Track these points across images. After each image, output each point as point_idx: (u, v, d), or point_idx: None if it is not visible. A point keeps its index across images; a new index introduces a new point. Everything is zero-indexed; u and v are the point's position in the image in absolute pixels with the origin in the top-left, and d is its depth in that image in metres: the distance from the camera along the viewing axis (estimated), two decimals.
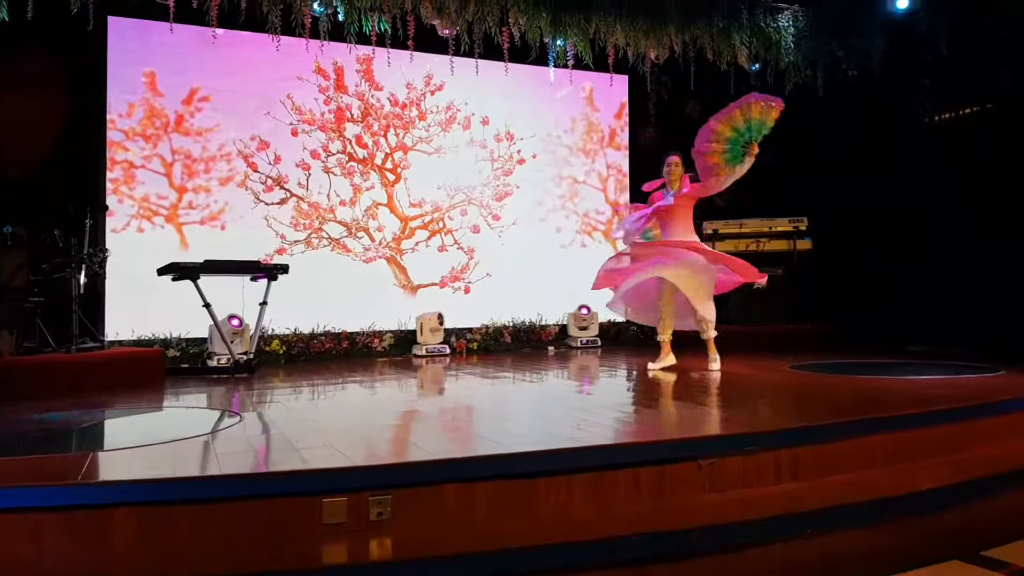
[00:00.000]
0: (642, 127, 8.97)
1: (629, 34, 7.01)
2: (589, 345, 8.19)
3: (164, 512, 2.43)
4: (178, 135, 7.15)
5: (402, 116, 7.95)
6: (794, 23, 7.33)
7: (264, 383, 5.54)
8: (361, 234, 7.77)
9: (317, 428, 3.49)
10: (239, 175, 7.34)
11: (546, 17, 6.69)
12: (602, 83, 8.45)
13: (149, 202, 7.04)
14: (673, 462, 2.92)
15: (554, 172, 8.68)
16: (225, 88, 7.29)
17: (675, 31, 7.09)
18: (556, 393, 4.92)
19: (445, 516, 2.60)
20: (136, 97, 7.00)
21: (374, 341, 7.62)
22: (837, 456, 3.25)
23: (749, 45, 7.26)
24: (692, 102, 8.86)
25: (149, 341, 6.80)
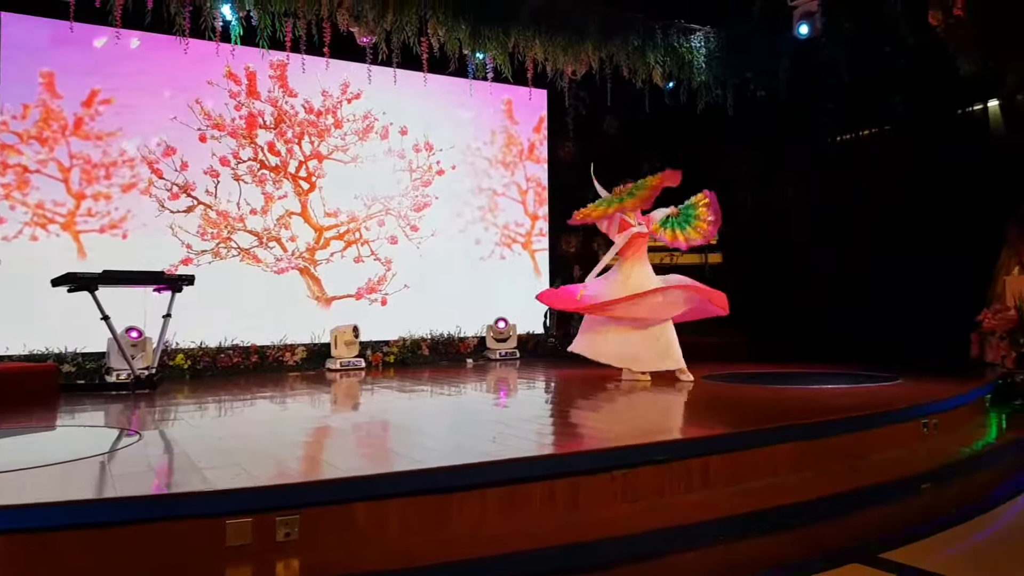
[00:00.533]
0: (561, 141, 9.10)
1: (548, 49, 7.09)
2: (508, 357, 8.21)
3: (53, 538, 2.30)
4: (77, 139, 6.78)
5: (317, 124, 7.80)
6: (706, 44, 7.58)
7: (167, 399, 5.30)
8: (273, 244, 7.56)
9: (222, 447, 3.36)
10: (143, 182, 7.02)
11: (465, 29, 6.69)
12: (521, 96, 8.54)
13: (44, 209, 6.65)
14: (588, 473, 2.94)
15: (473, 184, 8.69)
16: (129, 91, 6.98)
17: (592, 48, 7.22)
18: (473, 406, 4.91)
19: (356, 535, 2.55)
20: (32, 98, 6.61)
21: (286, 355, 7.41)
22: (746, 464, 3.35)
23: (663, 64, 7.46)
24: (609, 118, 9.07)
25: (42, 356, 6.41)
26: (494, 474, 2.83)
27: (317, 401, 5.25)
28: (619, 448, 3.20)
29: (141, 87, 7.02)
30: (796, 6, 7.07)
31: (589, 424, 4.09)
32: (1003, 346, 5.64)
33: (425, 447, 3.37)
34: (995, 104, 6.76)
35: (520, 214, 9.00)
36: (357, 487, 2.62)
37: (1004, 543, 3.24)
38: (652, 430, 3.84)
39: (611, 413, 4.47)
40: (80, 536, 2.32)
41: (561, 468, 2.94)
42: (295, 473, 2.93)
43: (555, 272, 8.89)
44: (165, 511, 2.43)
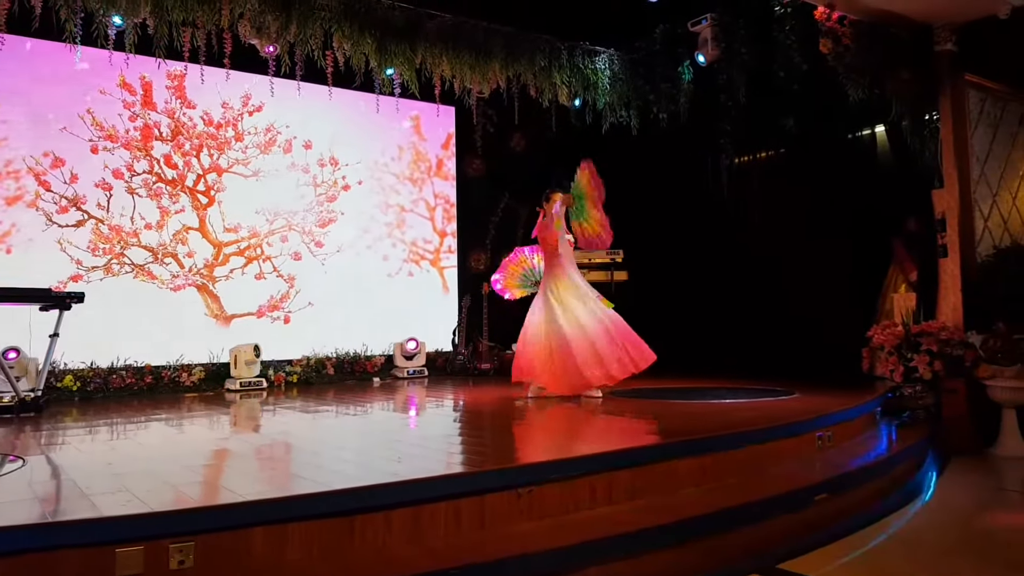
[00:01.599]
0: (469, 158, 9.20)
1: (455, 67, 7.16)
2: (416, 375, 8.20)
3: None
4: None
5: (217, 136, 7.60)
6: (610, 66, 7.83)
7: (54, 423, 5.04)
8: (169, 260, 7.30)
9: (112, 472, 3.24)
10: (29, 194, 6.66)
11: (371, 44, 6.67)
12: (429, 113, 8.58)
13: None
14: (493, 491, 2.97)
15: (380, 200, 8.66)
16: (15, 99, 6.62)
17: (500, 67, 7.33)
18: (379, 426, 4.89)
19: (254, 561, 2.51)
20: None
21: (182, 375, 7.15)
22: (649, 479, 3.43)
23: (569, 84, 7.65)
24: (517, 135, 9.23)
25: None
26: (399, 495, 2.82)
27: (216, 423, 5.11)
28: (524, 465, 3.25)
29: (28, 95, 6.68)
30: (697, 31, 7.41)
31: (496, 442, 4.15)
32: (891, 361, 5.79)
33: (329, 469, 3.34)
34: (882, 130, 7.22)
35: (428, 231, 9.02)
36: (256, 511, 2.58)
37: (895, 551, 3.40)
38: (558, 446, 3.92)
39: (519, 429, 4.54)
40: None
41: (467, 487, 2.96)
42: (190, 499, 2.85)
43: (464, 289, 8.95)
44: (50, 540, 2.34)
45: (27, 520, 2.51)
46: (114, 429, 4.79)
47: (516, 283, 6.24)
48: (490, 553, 2.71)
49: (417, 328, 8.45)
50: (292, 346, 7.84)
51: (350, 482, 2.99)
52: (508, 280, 6.25)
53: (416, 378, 8.13)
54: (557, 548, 2.78)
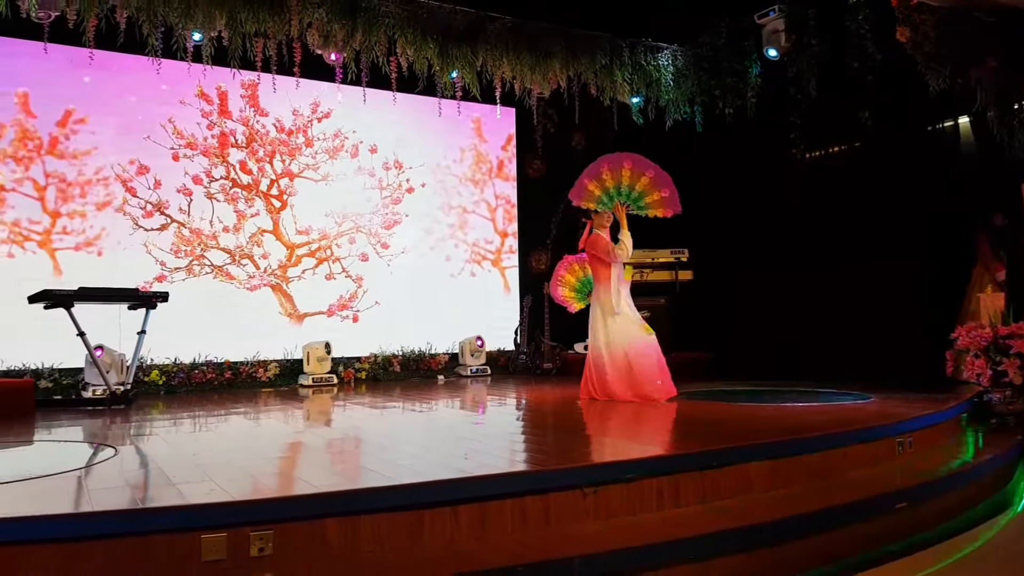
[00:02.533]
0: (529, 158, 9.27)
1: (515, 68, 7.23)
2: (479, 374, 8.33)
3: (31, 552, 2.36)
4: (52, 158, 6.85)
5: (288, 143, 7.91)
6: (673, 62, 7.75)
7: (142, 415, 5.37)
8: (245, 261, 7.65)
9: (196, 462, 3.44)
10: (117, 200, 7.09)
11: (433, 48, 6.82)
12: (490, 115, 8.70)
13: (20, 227, 6.70)
14: (559, 490, 2.98)
15: (443, 201, 8.83)
16: (103, 111, 7.06)
17: (560, 67, 7.36)
18: (445, 423, 4.99)
19: (328, 551, 2.60)
20: (7, 118, 6.67)
21: (259, 371, 7.49)
22: (718, 483, 3.37)
23: (631, 82, 7.62)
24: (578, 135, 9.25)
25: (19, 371, 6.46)
26: (466, 491, 2.86)
27: (290, 417, 5.34)
28: (590, 466, 3.24)
29: (115, 107, 7.10)
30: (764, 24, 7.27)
31: (560, 441, 4.18)
32: (978, 364, 5.50)
33: (397, 463, 3.43)
34: (965, 121, 6.87)
35: (490, 231, 9.15)
36: (330, 503, 2.69)
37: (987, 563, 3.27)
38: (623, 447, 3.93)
39: (583, 430, 4.57)
40: (57, 550, 2.38)
41: (533, 485, 2.97)
42: (268, 489, 3.00)
43: (525, 289, 9.04)
44: (141, 526, 2.49)
45: (120, 506, 2.69)
46: (197, 421, 5.07)
47: (573, 295, 6.16)
48: (555, 551, 2.72)
49: (479, 327, 8.59)
50: (361, 344, 8.10)
51: (418, 477, 3.06)
52: (566, 292, 6.17)
53: (479, 376, 8.26)
54: (622, 549, 2.77)
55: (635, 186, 5.67)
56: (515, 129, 9.26)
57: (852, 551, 3.20)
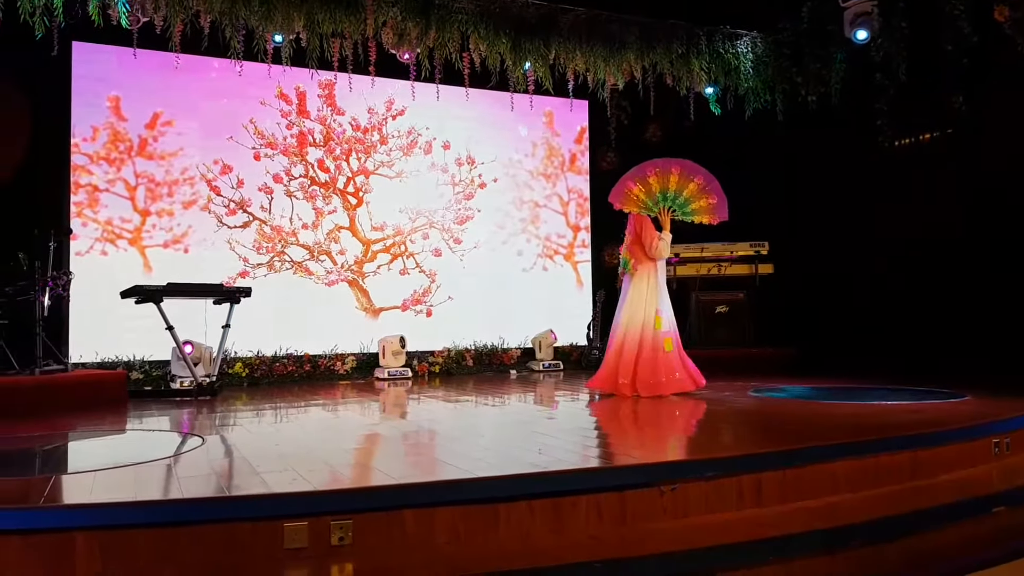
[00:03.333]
0: (603, 151, 9.16)
1: (588, 60, 7.17)
2: (552, 369, 8.30)
3: (126, 536, 2.46)
4: (142, 159, 7.16)
5: (364, 140, 8.05)
6: (753, 49, 7.55)
7: (227, 406, 5.55)
8: (323, 257, 7.83)
9: (279, 451, 3.53)
10: (202, 199, 7.36)
11: (506, 43, 6.83)
12: (562, 108, 8.65)
13: (113, 225, 7.03)
14: (634, 488, 2.94)
15: (515, 196, 8.83)
16: (188, 113, 7.33)
17: (634, 57, 7.26)
18: (518, 417, 4.99)
19: (406, 541, 2.63)
20: (100, 121, 7.01)
21: (336, 364, 7.66)
22: (800, 482, 3.26)
23: (708, 71, 7.46)
24: (653, 126, 9.09)
25: (112, 363, 6.78)
26: (541, 486, 2.85)
27: (367, 409, 5.43)
28: (668, 463, 3.19)
29: (199, 109, 7.37)
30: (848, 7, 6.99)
31: (637, 437, 4.12)
32: None
33: (471, 457, 3.44)
34: None
35: (562, 226, 9.10)
36: (407, 494, 2.71)
37: None
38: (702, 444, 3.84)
39: (660, 427, 4.49)
40: (149, 535, 2.47)
41: (608, 481, 2.95)
42: (347, 479, 3.05)
43: (598, 284, 8.95)
44: (228, 513, 2.57)
45: (207, 493, 2.78)
46: (278, 412, 5.21)
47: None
48: (632, 549, 2.70)
49: (552, 322, 8.56)
50: (434, 338, 8.19)
51: (493, 470, 3.07)
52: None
53: (551, 371, 8.23)
54: (701, 548, 2.73)
55: (682, 192, 5.53)
56: (588, 122, 9.18)
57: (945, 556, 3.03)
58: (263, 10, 6.07)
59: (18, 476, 3.19)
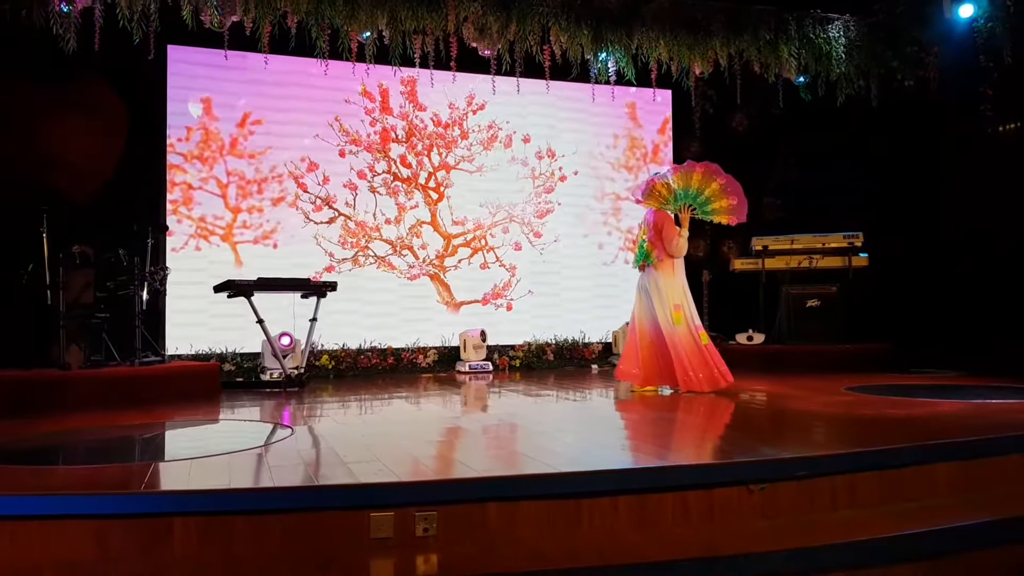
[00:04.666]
0: (687, 142, 8.95)
1: (672, 49, 7.01)
2: None
3: (221, 522, 2.54)
4: (233, 157, 7.42)
5: (445, 136, 8.10)
6: (845, 33, 7.23)
7: (314, 397, 5.69)
8: (405, 252, 7.93)
9: (365, 442, 3.58)
10: (290, 195, 7.58)
11: (587, 34, 6.74)
12: (645, 98, 8.50)
13: (206, 222, 7.32)
14: (722, 486, 2.87)
15: (596, 189, 8.73)
16: (276, 112, 7.55)
17: (720, 45, 7.07)
18: (600, 413, 4.93)
19: (489, 534, 2.63)
20: (193, 122, 7.30)
21: (419, 357, 7.76)
22: (898, 483, 3.12)
23: (798, 57, 7.18)
24: (739, 116, 8.83)
25: (206, 355, 7.06)
26: (626, 482, 2.82)
27: (448, 402, 5.46)
28: (758, 461, 3.07)
29: (286, 108, 7.58)
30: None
31: (724, 435, 4.00)
32: None
33: (554, 451, 3.42)
34: None
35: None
36: (491, 487, 2.71)
37: None
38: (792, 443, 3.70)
39: (747, 424, 4.35)
40: (243, 521, 2.54)
41: (695, 479, 2.88)
42: (431, 471, 3.06)
43: None
44: (317, 502, 2.61)
45: (296, 482, 2.84)
46: (363, 404, 5.31)
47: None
48: (720, 548, 2.62)
49: None
50: (514, 332, 8.19)
51: (576, 465, 3.04)
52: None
53: None
54: (792, 549, 2.63)
55: (703, 191, 5.58)
56: (671, 112, 8.98)
57: None
58: (347, 9, 6.17)
59: (120, 463, 3.34)
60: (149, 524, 2.51)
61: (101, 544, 2.48)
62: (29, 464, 3.29)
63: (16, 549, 2.46)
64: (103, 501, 2.54)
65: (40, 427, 4.22)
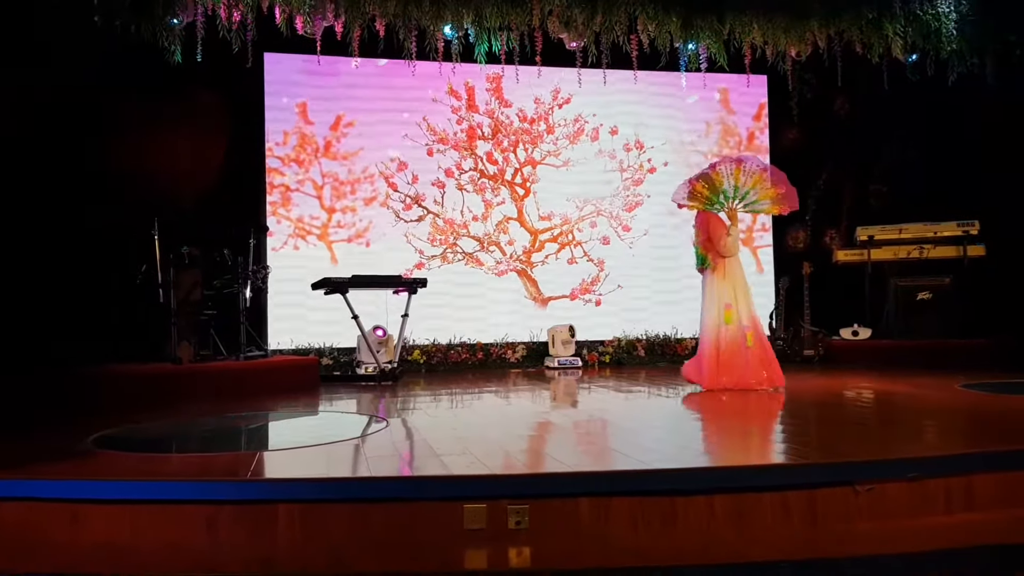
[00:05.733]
0: (784, 128, 8.64)
1: (767, 32, 6.75)
2: None
3: (321, 509, 2.62)
4: (327, 159, 7.67)
5: (530, 131, 8.10)
6: (956, 8, 6.79)
7: (407, 391, 5.81)
8: (493, 248, 7.99)
9: (456, 435, 3.63)
10: (381, 195, 7.76)
11: (676, 21, 6.57)
12: (738, 84, 8.24)
13: (303, 222, 7.59)
14: (826, 486, 2.76)
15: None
16: (367, 113, 7.75)
17: (818, 26, 6.76)
18: (694, 409, 4.80)
19: (581, 529, 2.62)
20: (290, 126, 7.58)
21: (507, 352, 7.80)
22: (1019, 487, 2.92)
23: (904, 35, 6.78)
24: (840, 99, 8.46)
25: (306, 350, 7.33)
26: (722, 480, 2.76)
27: (538, 397, 5.46)
28: (865, 461, 2.94)
29: (377, 110, 7.77)
30: None
31: (826, 433, 3.84)
32: None
33: (647, 448, 3.37)
34: None
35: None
36: (583, 482, 2.70)
37: None
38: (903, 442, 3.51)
39: (854, 422, 4.15)
40: (342, 509, 2.62)
41: (796, 479, 2.78)
42: (522, 465, 3.06)
43: (781, 270, 8.44)
44: (412, 492, 2.67)
45: (392, 473, 2.91)
46: (454, 398, 5.37)
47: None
48: (823, 550, 2.54)
49: None
50: (603, 327, 8.12)
51: (669, 462, 2.99)
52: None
53: None
54: (901, 554, 2.52)
55: (747, 184, 5.37)
56: (767, 97, 8.68)
57: None
58: (433, 9, 6.25)
59: (228, 451, 3.50)
60: (255, 510, 2.62)
61: (211, 528, 2.60)
62: (145, 452, 3.49)
63: (134, 532, 2.61)
64: (213, 488, 2.67)
65: (155, 417, 4.48)
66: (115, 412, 4.51)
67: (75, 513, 2.64)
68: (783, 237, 8.67)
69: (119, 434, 3.79)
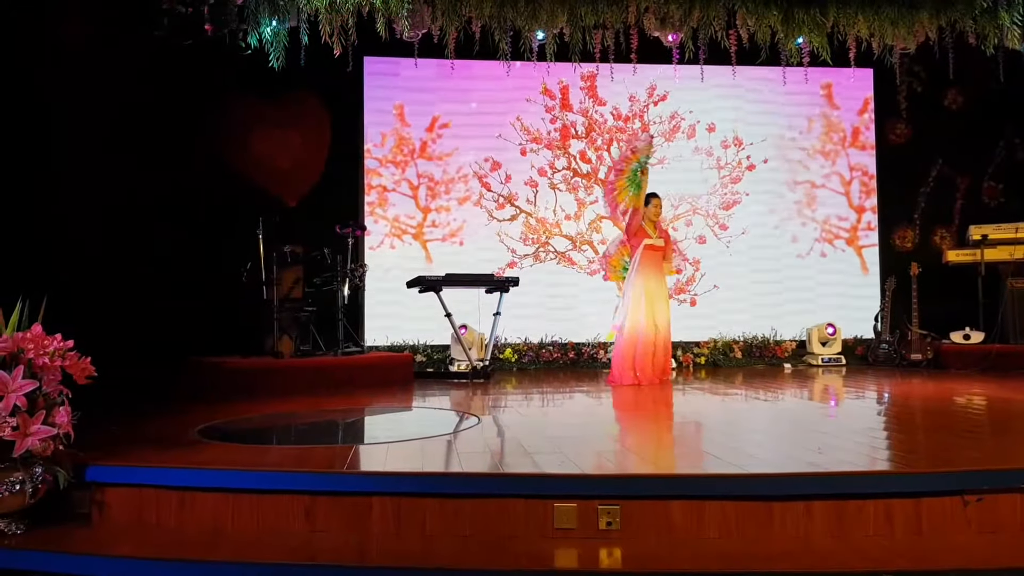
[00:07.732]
0: (891, 123, 8.24)
1: (873, 25, 6.43)
2: (832, 364, 7.64)
3: (415, 503, 2.68)
4: (423, 160, 7.84)
5: (625, 129, 7.99)
6: None
7: (498, 389, 5.86)
8: (585, 247, 7.94)
9: (547, 434, 3.63)
10: (475, 195, 7.86)
11: (777, 15, 6.34)
12: (842, 79, 7.92)
13: (399, 222, 7.79)
14: (933, 495, 2.66)
15: (788, 177, 8.24)
16: (462, 114, 7.87)
17: (928, 17, 6.38)
18: (792, 414, 4.64)
19: (673, 533, 2.58)
20: (387, 128, 7.80)
21: (599, 352, 7.74)
22: None
23: (1022, 24, 6.34)
24: (952, 92, 7.99)
25: (400, 347, 7.53)
26: (822, 487, 2.67)
27: (630, 399, 5.38)
28: (975, 471, 2.78)
29: (471, 110, 7.87)
30: None
31: (934, 440, 3.63)
32: None
33: (743, 452, 3.27)
34: None
35: (843, 207, 8.31)
36: (676, 484, 2.66)
37: None
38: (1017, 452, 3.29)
39: (962, 430, 3.91)
40: (435, 503, 2.66)
41: (900, 487, 2.68)
42: (613, 465, 3.03)
43: (887, 270, 8.03)
44: (503, 489, 2.68)
45: (483, 469, 2.93)
46: (545, 397, 5.38)
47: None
48: (929, 562, 2.43)
49: (832, 313, 7.90)
50: (699, 328, 7.94)
51: (766, 467, 2.92)
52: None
53: (832, 366, 7.57)
54: (1012, 568, 2.39)
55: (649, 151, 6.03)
56: (873, 92, 8.28)
57: None
58: (529, 10, 6.25)
59: (325, 444, 3.62)
60: (352, 502, 2.70)
61: (309, 517, 2.70)
62: (247, 443, 3.65)
63: (236, 519, 2.75)
64: (312, 479, 2.77)
65: (257, 409, 4.68)
66: (219, 403, 4.75)
67: (182, 499, 2.79)
68: (890, 236, 8.27)
69: (223, 425, 3.97)
